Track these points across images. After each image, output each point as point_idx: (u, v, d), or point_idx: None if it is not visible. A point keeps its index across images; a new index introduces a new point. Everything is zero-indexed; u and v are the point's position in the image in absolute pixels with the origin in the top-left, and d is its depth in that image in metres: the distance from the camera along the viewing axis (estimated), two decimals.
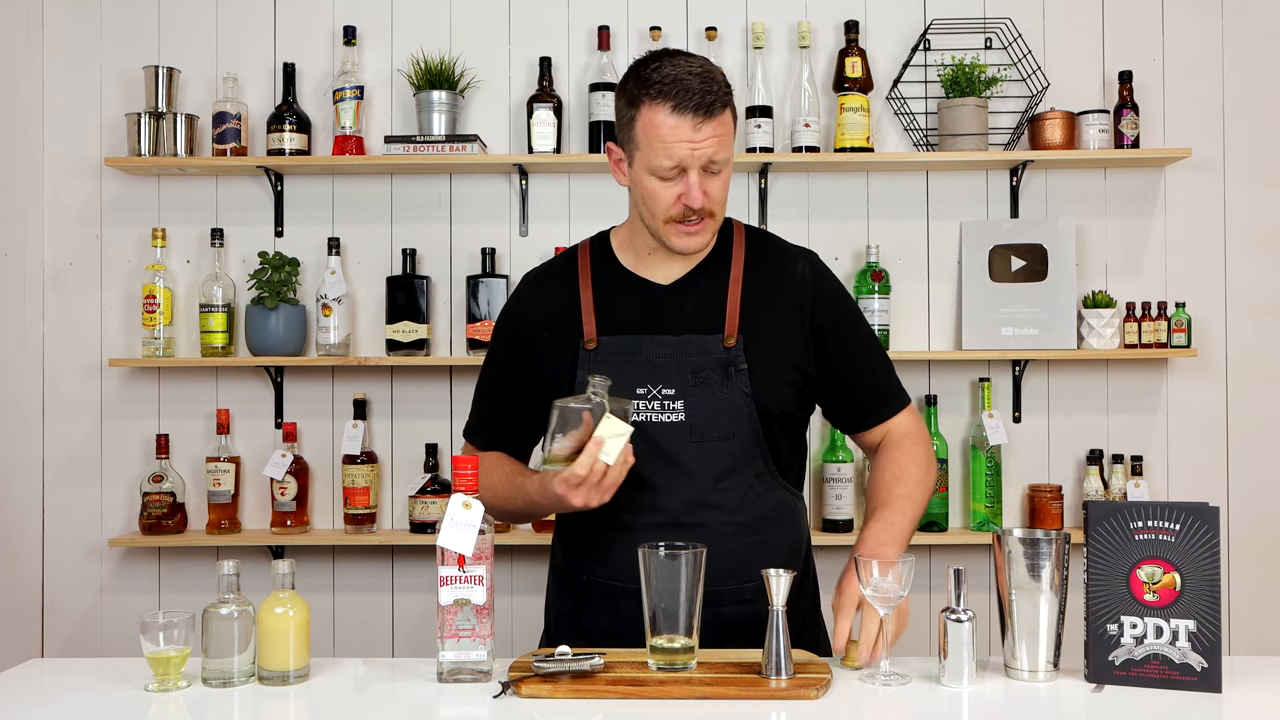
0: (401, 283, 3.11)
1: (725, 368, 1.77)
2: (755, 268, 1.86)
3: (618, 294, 1.86)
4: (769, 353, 1.80)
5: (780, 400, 1.81)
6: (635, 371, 1.78)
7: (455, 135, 3.06)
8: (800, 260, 1.90)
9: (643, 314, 1.83)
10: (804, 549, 1.91)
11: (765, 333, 1.81)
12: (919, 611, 3.06)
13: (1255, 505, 3.17)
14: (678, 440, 1.76)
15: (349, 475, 3.10)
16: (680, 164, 1.73)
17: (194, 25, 3.21)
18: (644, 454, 1.75)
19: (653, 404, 1.77)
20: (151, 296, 3.07)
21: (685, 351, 1.78)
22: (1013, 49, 3.17)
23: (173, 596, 3.17)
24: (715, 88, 1.74)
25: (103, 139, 3.20)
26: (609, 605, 1.81)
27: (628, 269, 1.88)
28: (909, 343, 3.19)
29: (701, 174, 1.74)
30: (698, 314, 1.82)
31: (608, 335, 1.81)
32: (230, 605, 1.59)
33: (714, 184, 1.76)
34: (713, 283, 1.85)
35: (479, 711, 1.50)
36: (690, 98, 1.71)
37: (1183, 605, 1.55)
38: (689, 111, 1.71)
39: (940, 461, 3.09)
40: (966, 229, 3.17)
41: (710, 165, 1.74)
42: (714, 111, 1.72)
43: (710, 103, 1.72)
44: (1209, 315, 3.18)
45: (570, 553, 1.88)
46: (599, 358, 1.79)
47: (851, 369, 1.88)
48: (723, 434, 1.77)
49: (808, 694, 1.51)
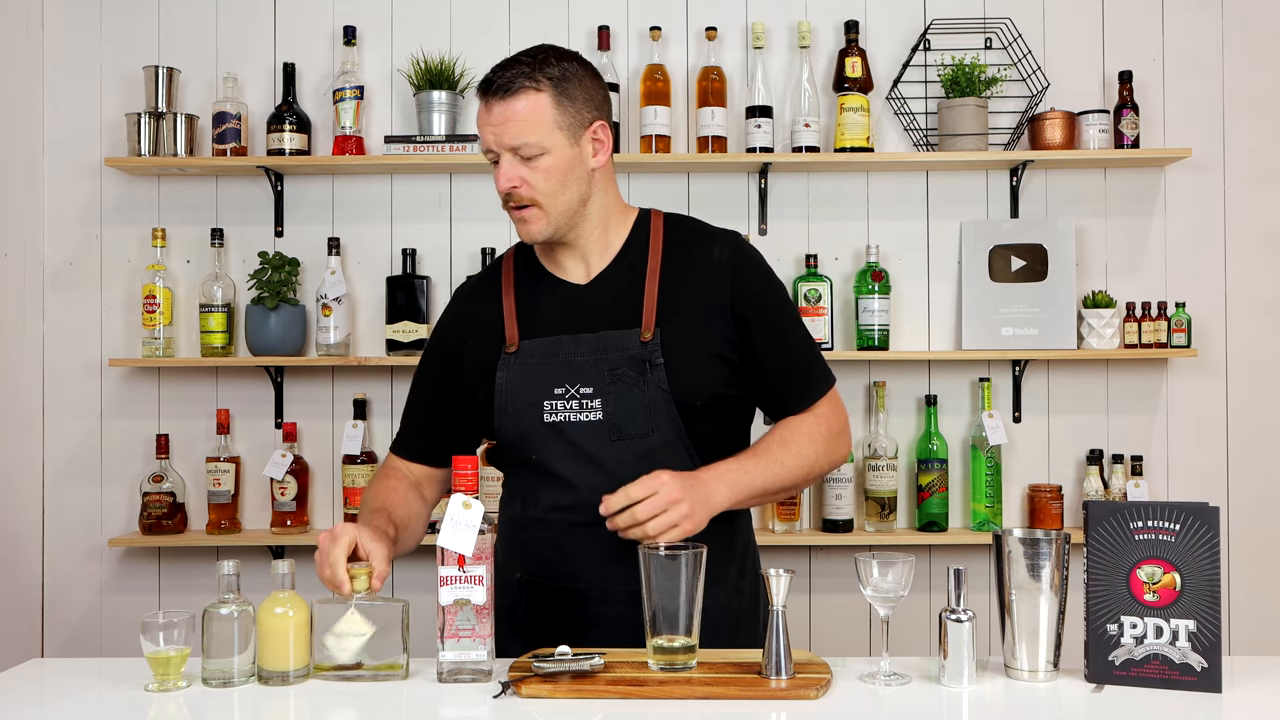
0: (401, 283, 3.11)
1: (641, 363, 1.75)
2: (673, 257, 1.83)
3: (538, 296, 1.86)
4: (688, 343, 1.77)
5: (701, 391, 1.77)
6: (553, 371, 1.77)
7: (455, 135, 3.07)
8: (719, 243, 1.84)
9: (562, 314, 1.82)
10: (739, 545, 1.86)
11: (684, 322, 1.78)
12: (919, 611, 3.07)
13: (1255, 505, 3.17)
14: (596, 439, 1.75)
15: (349, 475, 3.10)
16: (487, 148, 1.76)
17: (194, 25, 3.21)
18: (564, 453, 1.76)
19: (571, 403, 1.76)
20: (151, 296, 3.07)
21: (603, 349, 1.77)
22: (1013, 49, 3.17)
23: (173, 596, 3.17)
24: (515, 70, 1.74)
25: (103, 139, 3.20)
26: (541, 603, 1.81)
27: (548, 270, 1.88)
28: (909, 343, 3.19)
29: (516, 160, 1.74)
30: (615, 310, 1.80)
31: (528, 338, 1.81)
32: (230, 605, 1.59)
33: (532, 173, 1.75)
34: (629, 277, 1.83)
35: (479, 711, 1.50)
36: (491, 83, 1.75)
37: (1183, 605, 1.55)
38: (487, 95, 1.75)
39: (940, 462, 3.09)
40: (966, 229, 3.17)
41: (519, 150, 1.74)
42: (506, 93, 1.73)
43: (504, 84, 1.73)
44: (1209, 315, 3.18)
45: (504, 549, 1.88)
46: (518, 360, 1.80)
47: (773, 356, 1.82)
48: (640, 430, 1.75)
49: (808, 694, 1.51)
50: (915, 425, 3.18)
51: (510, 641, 1.79)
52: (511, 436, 1.81)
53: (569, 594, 1.79)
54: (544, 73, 1.74)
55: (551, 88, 1.74)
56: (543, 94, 1.73)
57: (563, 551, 1.79)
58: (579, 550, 1.77)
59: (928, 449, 3.11)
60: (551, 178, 1.75)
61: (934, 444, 3.11)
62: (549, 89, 1.74)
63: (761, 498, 1.79)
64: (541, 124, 1.73)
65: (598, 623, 1.76)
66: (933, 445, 3.11)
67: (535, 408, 1.78)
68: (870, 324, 3.07)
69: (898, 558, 1.60)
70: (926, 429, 3.13)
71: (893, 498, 3.09)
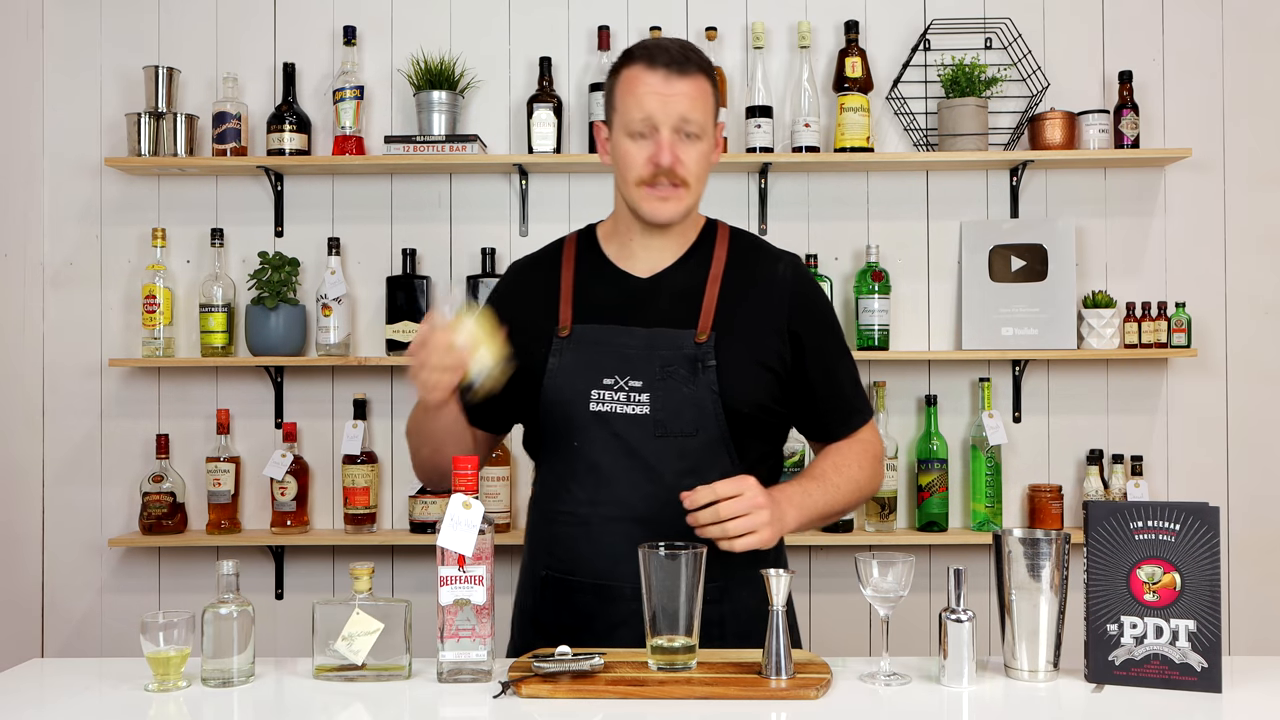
0: (401, 283, 3.11)
1: (693, 363, 1.75)
2: (736, 266, 1.85)
3: (596, 284, 1.86)
4: (741, 351, 1.78)
5: (749, 400, 1.78)
6: (604, 361, 1.77)
7: (455, 135, 3.06)
8: (782, 262, 1.88)
9: (618, 305, 1.82)
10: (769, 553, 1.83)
11: (739, 331, 1.79)
12: (919, 611, 3.07)
13: (1255, 505, 3.17)
14: (640, 433, 1.75)
15: (349, 475, 3.10)
16: (650, 116, 1.73)
17: (194, 25, 3.21)
18: (605, 444, 1.75)
19: (618, 395, 1.75)
20: (151, 296, 3.07)
21: (656, 344, 1.77)
22: (1013, 49, 3.17)
23: (173, 596, 3.17)
24: (691, 54, 1.76)
25: (103, 139, 3.20)
26: (565, 600, 1.79)
27: (610, 260, 1.88)
28: (909, 343, 3.19)
29: (675, 137, 1.74)
30: (673, 308, 1.80)
31: (582, 323, 1.81)
32: (230, 605, 1.59)
33: (688, 151, 1.75)
34: (691, 278, 1.83)
35: (479, 711, 1.50)
36: (662, 54, 1.75)
37: (1183, 605, 1.55)
38: (660, 66, 1.74)
39: (940, 461, 3.09)
40: (966, 229, 3.17)
41: (683, 126, 1.74)
42: (686, 70, 1.74)
43: (682, 60, 1.74)
44: (1209, 315, 3.18)
45: (531, 546, 1.87)
46: (570, 344, 1.79)
47: (824, 379, 1.85)
48: (686, 430, 1.75)
49: (808, 694, 1.51)
50: (915, 425, 3.18)
51: (535, 642, 1.79)
52: (555, 421, 1.80)
53: (600, 591, 1.76)
54: (703, 60, 1.77)
55: (708, 77, 1.78)
56: (707, 80, 1.77)
57: (596, 547, 1.76)
58: (614, 546, 1.74)
59: (928, 449, 3.11)
60: (701, 162, 1.78)
61: (934, 444, 3.11)
62: (707, 77, 1.78)
63: (820, 521, 1.80)
64: (706, 107, 1.77)
65: (629, 621, 1.71)
66: (933, 445, 3.11)
67: (583, 395, 1.77)
68: (870, 324, 3.07)
69: (898, 558, 1.60)
70: (926, 429, 3.13)
71: (893, 498, 3.09)
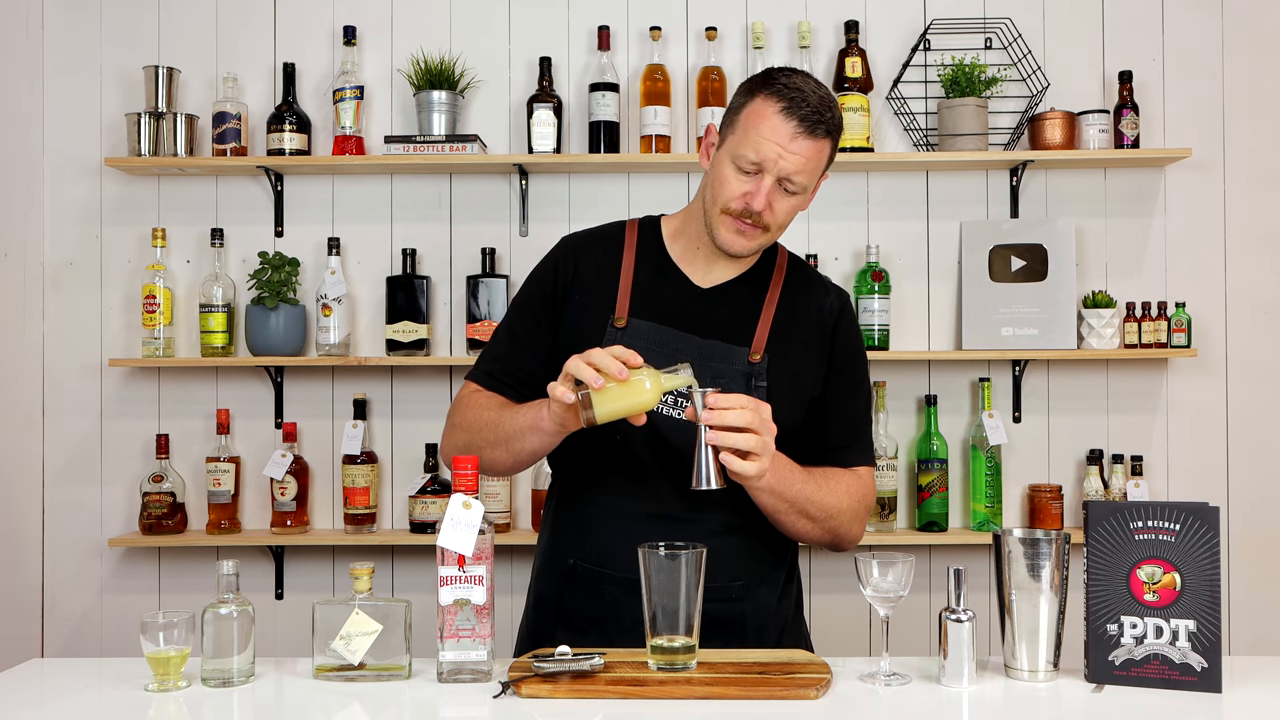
0: (401, 283, 3.11)
1: (746, 380, 1.78)
2: (791, 292, 1.88)
3: (656, 282, 1.86)
4: (790, 376, 1.81)
5: (792, 421, 1.80)
6: (657, 362, 1.76)
7: (455, 135, 3.06)
8: (833, 294, 1.92)
9: (676, 309, 1.83)
10: (790, 555, 1.92)
11: (790, 356, 1.82)
12: (919, 611, 3.07)
13: (1255, 505, 3.17)
14: (684, 440, 1.74)
15: (349, 475, 3.10)
16: (761, 163, 1.73)
17: (194, 25, 3.21)
18: (651, 442, 1.76)
19: (667, 397, 1.76)
20: (151, 296, 3.07)
21: (708, 356, 1.79)
22: (1013, 49, 3.17)
23: (173, 596, 3.17)
24: (829, 115, 1.75)
25: (103, 139, 3.20)
26: (593, 591, 1.80)
27: (672, 260, 1.88)
28: (909, 343, 3.19)
29: (776, 186, 1.75)
30: (729, 323, 1.82)
31: (638, 318, 1.82)
32: (230, 605, 1.59)
33: (782, 203, 1.76)
34: (748, 297, 1.86)
35: (479, 711, 1.50)
36: (802, 107, 1.72)
37: (1183, 605, 1.55)
38: (795, 118, 1.72)
39: (940, 461, 3.09)
40: (966, 229, 3.17)
41: (787, 182, 1.74)
42: (815, 133, 1.73)
43: (816, 122, 1.73)
44: (1209, 315, 3.18)
45: (558, 534, 1.87)
46: (625, 337, 1.80)
47: (838, 408, 1.87)
48: None
49: (808, 694, 1.51)
50: (915, 425, 3.18)
51: (554, 629, 1.80)
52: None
53: (630, 584, 1.74)
54: (836, 121, 1.76)
55: (833, 140, 1.78)
56: (828, 146, 1.77)
57: (630, 541, 1.74)
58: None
59: (928, 449, 3.11)
60: (791, 214, 1.80)
61: (934, 444, 3.11)
62: (831, 142, 1.78)
63: (785, 505, 1.76)
64: (817, 170, 1.78)
65: None
66: (933, 445, 3.11)
67: None
68: (870, 324, 3.07)
69: (898, 558, 1.60)
70: (926, 429, 3.13)
71: (893, 498, 3.09)
